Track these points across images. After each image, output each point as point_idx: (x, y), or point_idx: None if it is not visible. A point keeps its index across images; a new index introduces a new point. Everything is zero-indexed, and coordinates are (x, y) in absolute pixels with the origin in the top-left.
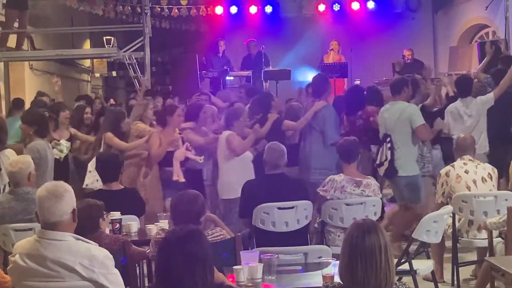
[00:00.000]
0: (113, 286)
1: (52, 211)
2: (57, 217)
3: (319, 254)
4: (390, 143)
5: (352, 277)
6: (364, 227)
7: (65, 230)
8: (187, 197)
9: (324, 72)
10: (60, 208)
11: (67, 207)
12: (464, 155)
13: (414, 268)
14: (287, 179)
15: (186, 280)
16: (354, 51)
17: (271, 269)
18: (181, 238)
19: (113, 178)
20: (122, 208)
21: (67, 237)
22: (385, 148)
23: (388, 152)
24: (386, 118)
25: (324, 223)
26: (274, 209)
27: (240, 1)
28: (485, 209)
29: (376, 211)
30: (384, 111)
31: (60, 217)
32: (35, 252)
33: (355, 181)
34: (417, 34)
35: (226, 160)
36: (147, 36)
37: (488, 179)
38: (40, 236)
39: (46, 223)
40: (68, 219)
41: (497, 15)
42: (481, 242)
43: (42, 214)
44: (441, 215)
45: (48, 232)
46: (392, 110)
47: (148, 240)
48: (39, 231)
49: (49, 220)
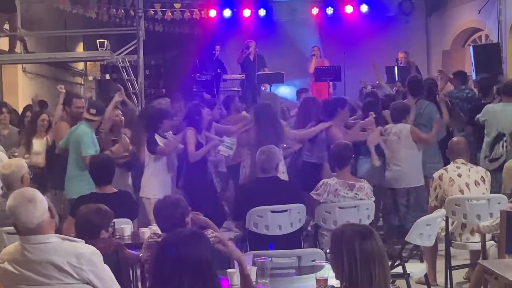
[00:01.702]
0: (103, 283)
1: (31, 216)
2: (37, 220)
3: (312, 257)
4: (505, 141)
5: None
6: (362, 232)
7: (46, 230)
8: (169, 201)
9: (317, 76)
10: (38, 209)
11: (43, 207)
12: (457, 158)
13: (408, 271)
14: (280, 182)
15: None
16: (347, 55)
17: (264, 273)
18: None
19: (107, 181)
20: (115, 212)
21: (52, 238)
22: (500, 146)
23: (503, 149)
24: (499, 119)
25: (318, 226)
26: (268, 213)
27: (233, 5)
28: (478, 212)
29: (369, 215)
30: (496, 112)
31: (40, 219)
32: (22, 258)
33: (348, 184)
34: (411, 38)
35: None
36: (141, 39)
37: (481, 182)
38: (25, 242)
39: (27, 229)
40: (47, 217)
41: (490, 19)
42: (474, 245)
43: (22, 222)
44: (434, 218)
45: (31, 237)
46: (506, 111)
47: (141, 243)
48: (22, 238)
49: (31, 225)
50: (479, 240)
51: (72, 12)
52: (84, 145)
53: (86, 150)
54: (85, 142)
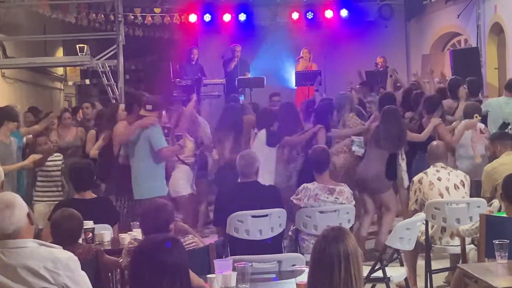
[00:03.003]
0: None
1: (10, 221)
2: (15, 225)
3: (293, 262)
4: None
5: (314, 281)
6: (327, 237)
7: (24, 236)
8: (155, 205)
9: (298, 80)
10: (17, 215)
11: (22, 212)
12: (436, 162)
13: (388, 275)
14: (261, 187)
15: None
16: (327, 59)
17: (244, 278)
18: (155, 247)
19: (87, 186)
20: (95, 217)
21: (29, 243)
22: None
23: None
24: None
25: (298, 231)
26: (248, 217)
27: (214, 9)
28: (457, 216)
29: (350, 219)
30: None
31: (18, 224)
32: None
33: (328, 188)
34: (390, 42)
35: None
36: (121, 44)
37: (461, 186)
38: (1, 247)
39: (5, 234)
40: (26, 223)
41: (469, 23)
42: (454, 249)
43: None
44: (414, 222)
45: (8, 241)
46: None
47: (121, 249)
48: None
49: (8, 231)
50: (459, 244)
51: (51, 17)
52: (154, 139)
53: (159, 143)
54: (154, 136)
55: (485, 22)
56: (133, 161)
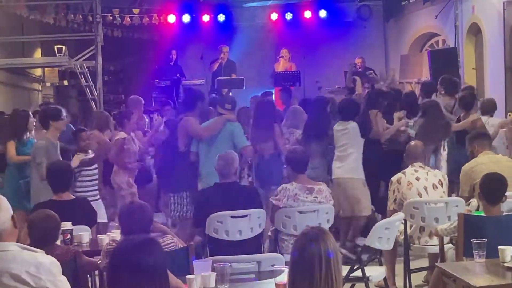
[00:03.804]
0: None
1: None
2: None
3: (272, 262)
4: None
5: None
6: (307, 237)
7: (7, 239)
8: (135, 207)
9: (277, 81)
10: (2, 217)
11: (6, 215)
12: (415, 162)
13: (367, 275)
14: (240, 187)
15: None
16: (306, 60)
17: (224, 278)
18: (133, 248)
19: (64, 188)
20: (73, 219)
21: (11, 246)
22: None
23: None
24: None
25: (278, 231)
26: (228, 218)
27: (192, 10)
28: (436, 216)
29: (329, 219)
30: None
31: (2, 226)
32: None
33: (307, 188)
34: (369, 43)
35: None
36: (99, 44)
37: (439, 185)
38: None
39: None
40: (9, 226)
41: (447, 24)
42: (433, 248)
43: None
44: (392, 222)
45: None
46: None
47: (100, 250)
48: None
49: None
50: (437, 243)
51: (29, 18)
52: (238, 137)
53: (242, 141)
54: (238, 134)
55: (463, 23)
56: (209, 156)
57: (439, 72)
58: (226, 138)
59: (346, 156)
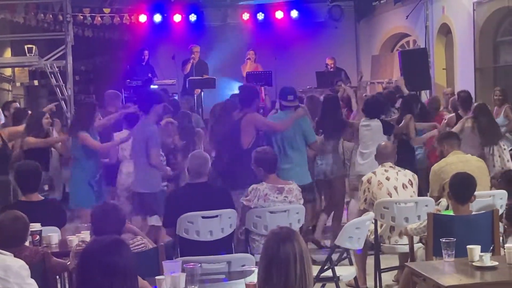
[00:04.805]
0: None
1: None
2: None
3: (242, 263)
4: None
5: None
6: (280, 236)
7: None
8: (109, 208)
9: (249, 81)
10: None
11: None
12: (385, 162)
13: (337, 274)
14: (211, 187)
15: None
16: (278, 60)
17: (193, 279)
18: (101, 249)
19: (34, 189)
20: (42, 220)
21: None
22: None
23: None
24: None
25: (249, 231)
26: (199, 218)
27: (164, 10)
28: (406, 215)
29: (300, 219)
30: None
31: None
32: None
33: (278, 188)
34: (340, 43)
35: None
36: (69, 44)
37: (409, 185)
38: None
39: None
40: None
41: (418, 24)
42: (403, 247)
43: None
44: (363, 221)
45: None
46: None
47: (69, 251)
48: None
49: None
50: (407, 243)
51: None
52: (307, 132)
53: (312, 136)
54: (308, 129)
55: (433, 23)
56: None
57: (409, 73)
58: (298, 132)
59: (369, 154)
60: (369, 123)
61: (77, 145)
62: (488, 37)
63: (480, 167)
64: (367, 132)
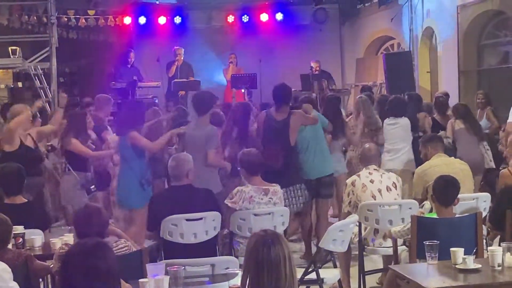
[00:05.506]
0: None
1: None
2: None
3: (226, 265)
4: None
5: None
6: (268, 238)
7: None
8: (91, 210)
9: (234, 83)
10: None
11: None
12: (369, 164)
13: (321, 277)
14: (195, 190)
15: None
16: (263, 62)
17: (177, 282)
18: (84, 252)
19: (17, 191)
20: (26, 222)
21: None
22: None
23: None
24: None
25: (233, 234)
26: (182, 221)
27: (148, 12)
28: (390, 218)
29: (284, 221)
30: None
31: None
32: None
33: (263, 189)
34: (325, 46)
35: None
36: (53, 46)
37: (393, 188)
38: None
39: None
40: None
41: (402, 27)
42: (387, 250)
43: None
44: (347, 224)
45: None
46: None
47: (52, 254)
48: None
49: None
50: (391, 245)
51: None
52: (321, 119)
53: (325, 121)
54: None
55: (417, 26)
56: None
57: (394, 75)
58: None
59: (398, 150)
60: (397, 121)
61: (127, 145)
62: (472, 40)
63: (463, 169)
64: (394, 131)
